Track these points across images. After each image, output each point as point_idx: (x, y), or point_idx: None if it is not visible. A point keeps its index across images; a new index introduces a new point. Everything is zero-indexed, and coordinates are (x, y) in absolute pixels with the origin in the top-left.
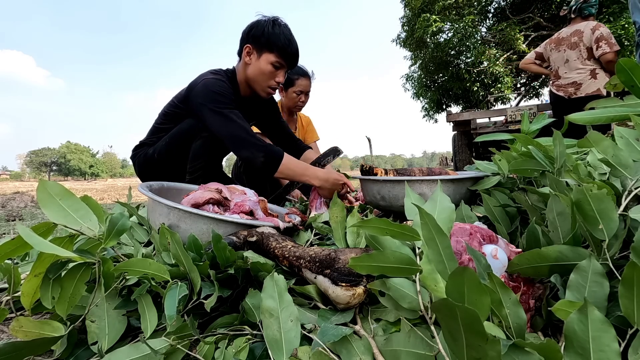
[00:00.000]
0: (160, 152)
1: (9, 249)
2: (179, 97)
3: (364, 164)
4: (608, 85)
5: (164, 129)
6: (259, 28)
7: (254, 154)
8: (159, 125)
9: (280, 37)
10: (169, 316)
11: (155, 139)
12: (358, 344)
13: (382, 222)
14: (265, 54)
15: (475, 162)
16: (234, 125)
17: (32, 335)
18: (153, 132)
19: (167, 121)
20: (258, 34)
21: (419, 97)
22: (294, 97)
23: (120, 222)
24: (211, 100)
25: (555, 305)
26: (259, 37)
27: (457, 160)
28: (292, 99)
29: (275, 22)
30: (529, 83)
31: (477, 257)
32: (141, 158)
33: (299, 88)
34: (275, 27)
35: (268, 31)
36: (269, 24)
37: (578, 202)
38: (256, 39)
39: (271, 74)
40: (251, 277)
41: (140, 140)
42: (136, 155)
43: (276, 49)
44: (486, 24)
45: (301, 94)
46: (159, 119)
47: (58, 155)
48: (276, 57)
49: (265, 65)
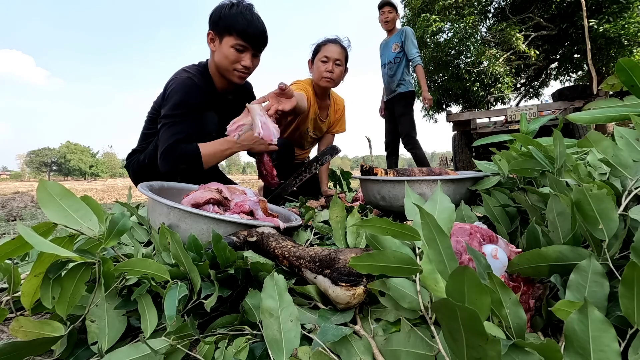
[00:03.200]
0: (150, 157)
1: (9, 249)
2: (158, 101)
3: (364, 164)
4: (605, 85)
5: (151, 134)
6: (216, 12)
7: (172, 165)
8: (146, 131)
9: (237, 18)
10: (169, 316)
11: (146, 145)
12: (358, 344)
13: (382, 222)
14: (226, 37)
15: (476, 162)
16: (164, 139)
17: (32, 335)
18: (143, 139)
19: (152, 126)
20: (216, 18)
21: (419, 97)
22: (320, 67)
23: (121, 222)
24: (167, 109)
25: (555, 305)
26: (217, 21)
27: (457, 160)
28: (318, 69)
29: (234, 4)
30: (529, 83)
31: (477, 257)
32: (135, 165)
33: (324, 54)
34: (233, 8)
35: (225, 13)
36: (227, 6)
37: (578, 202)
38: (215, 24)
39: (235, 58)
40: (251, 277)
41: (133, 148)
42: (130, 163)
43: (234, 31)
44: (486, 24)
45: (328, 61)
46: (145, 125)
47: (58, 155)
48: (236, 39)
49: (227, 49)
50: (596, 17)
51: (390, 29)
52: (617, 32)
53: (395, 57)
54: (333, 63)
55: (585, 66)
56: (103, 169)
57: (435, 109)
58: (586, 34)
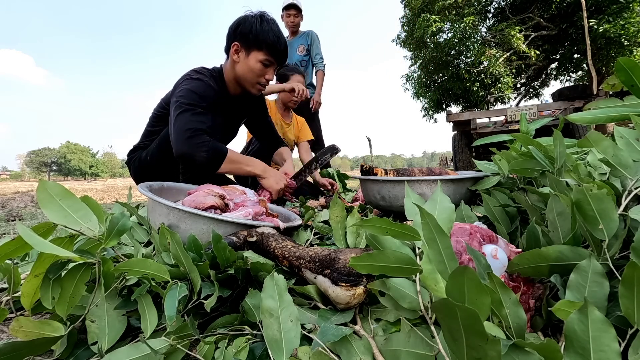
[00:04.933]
0: (152, 155)
1: (9, 249)
2: (166, 98)
3: (364, 164)
4: (606, 85)
5: (155, 132)
6: (246, 25)
7: (195, 150)
8: (150, 128)
9: (269, 34)
10: (169, 316)
11: (149, 142)
12: (358, 344)
13: (382, 222)
14: (254, 52)
15: (476, 162)
16: (186, 120)
17: (32, 335)
18: (146, 136)
19: (158, 123)
20: (246, 31)
21: (419, 97)
22: (288, 94)
23: (121, 222)
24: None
25: (555, 305)
26: (246, 34)
27: (457, 160)
28: (287, 94)
29: (262, 17)
30: (529, 83)
31: (477, 257)
32: (136, 162)
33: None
34: (264, 24)
35: (256, 28)
36: (257, 21)
37: (578, 202)
38: (244, 37)
39: (261, 72)
40: (251, 277)
41: (135, 145)
42: (131, 160)
43: (265, 47)
44: (486, 24)
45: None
46: (150, 121)
47: (58, 155)
48: (265, 55)
49: (255, 64)
50: (596, 17)
51: (294, 32)
52: (617, 32)
53: (302, 60)
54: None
55: (585, 66)
56: (103, 169)
57: (435, 109)
58: (586, 34)
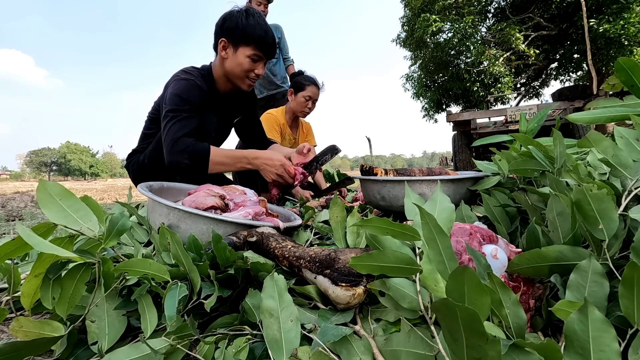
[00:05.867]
0: (150, 157)
1: (9, 249)
2: (159, 101)
3: (364, 164)
4: (606, 85)
5: (152, 134)
6: (232, 20)
7: (178, 158)
8: (147, 131)
9: (255, 28)
10: (169, 316)
11: (146, 145)
12: (358, 344)
13: (382, 222)
14: (242, 47)
15: (476, 162)
16: (170, 130)
17: (32, 335)
18: (143, 139)
19: (153, 126)
20: (232, 27)
21: (419, 97)
22: (302, 102)
23: (121, 222)
24: (171, 104)
25: (555, 305)
26: (233, 30)
27: (457, 160)
28: (300, 103)
29: (248, 12)
30: (529, 83)
31: (477, 257)
32: (134, 165)
33: (308, 94)
34: (250, 19)
35: (242, 23)
36: (242, 16)
37: (578, 202)
38: (230, 32)
39: (250, 67)
40: (251, 277)
41: (133, 149)
42: (130, 164)
43: (253, 42)
44: (486, 24)
45: (309, 100)
46: (146, 124)
47: (58, 155)
48: (253, 50)
49: (243, 59)
50: (596, 17)
51: None
52: (617, 32)
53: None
54: (312, 102)
55: (585, 66)
56: (103, 169)
57: (435, 109)
58: (586, 34)
